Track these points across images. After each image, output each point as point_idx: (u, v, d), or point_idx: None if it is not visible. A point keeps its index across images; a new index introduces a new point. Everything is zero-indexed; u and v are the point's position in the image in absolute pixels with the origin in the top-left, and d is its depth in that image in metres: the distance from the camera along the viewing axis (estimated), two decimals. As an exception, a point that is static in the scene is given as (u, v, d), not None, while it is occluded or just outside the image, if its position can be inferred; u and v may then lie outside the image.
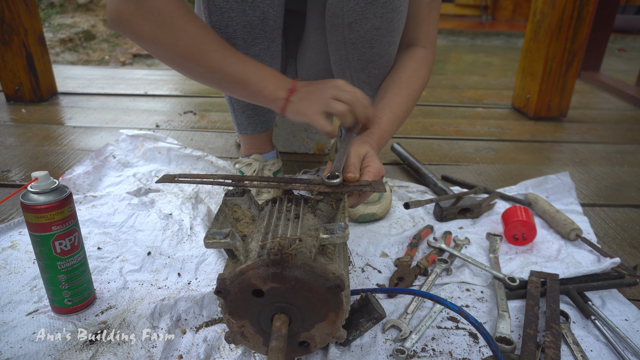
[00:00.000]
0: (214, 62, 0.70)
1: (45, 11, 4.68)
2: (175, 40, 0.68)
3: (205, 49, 0.69)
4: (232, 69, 0.71)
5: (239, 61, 0.72)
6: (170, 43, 0.68)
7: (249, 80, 0.72)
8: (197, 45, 0.69)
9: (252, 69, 0.72)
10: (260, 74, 0.72)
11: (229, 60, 0.71)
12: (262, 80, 0.72)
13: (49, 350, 0.61)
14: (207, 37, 0.70)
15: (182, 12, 0.68)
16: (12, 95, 1.70)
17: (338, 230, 0.52)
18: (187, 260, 0.81)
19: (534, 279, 0.78)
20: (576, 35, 1.64)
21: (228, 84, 0.73)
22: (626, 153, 1.47)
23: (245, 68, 0.72)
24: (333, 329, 0.56)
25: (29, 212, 0.60)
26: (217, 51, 0.70)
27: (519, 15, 7.22)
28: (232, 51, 0.72)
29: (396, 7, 0.78)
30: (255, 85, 0.72)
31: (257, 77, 0.72)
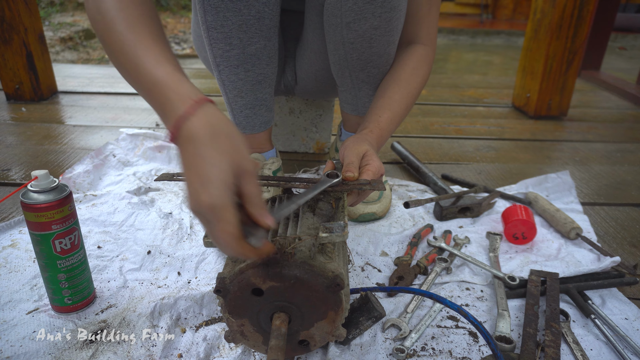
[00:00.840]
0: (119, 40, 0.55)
1: (45, 10, 4.68)
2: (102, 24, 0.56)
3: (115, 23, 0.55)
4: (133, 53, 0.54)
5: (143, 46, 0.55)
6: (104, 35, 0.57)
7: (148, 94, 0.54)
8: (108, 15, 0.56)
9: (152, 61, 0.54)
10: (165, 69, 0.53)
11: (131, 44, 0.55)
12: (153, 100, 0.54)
13: (49, 349, 0.61)
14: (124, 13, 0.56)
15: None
16: (12, 94, 1.70)
17: (337, 229, 0.52)
18: (187, 259, 0.81)
19: (534, 277, 0.78)
20: (577, 34, 1.64)
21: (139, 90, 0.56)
22: (626, 152, 1.47)
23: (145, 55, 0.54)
24: (333, 328, 0.56)
25: (29, 211, 0.60)
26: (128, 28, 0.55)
27: (519, 14, 7.21)
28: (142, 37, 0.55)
29: (395, 6, 0.78)
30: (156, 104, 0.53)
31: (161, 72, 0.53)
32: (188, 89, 0.51)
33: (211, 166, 0.46)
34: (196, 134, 0.47)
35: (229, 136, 0.48)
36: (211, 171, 0.46)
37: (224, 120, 0.49)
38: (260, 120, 0.95)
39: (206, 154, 0.46)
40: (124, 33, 0.55)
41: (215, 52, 0.82)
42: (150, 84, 0.52)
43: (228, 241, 0.46)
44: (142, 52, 0.54)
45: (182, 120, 0.48)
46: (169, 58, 0.54)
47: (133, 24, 0.56)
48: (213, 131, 0.48)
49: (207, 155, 0.46)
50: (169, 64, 0.53)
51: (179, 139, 0.49)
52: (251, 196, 0.48)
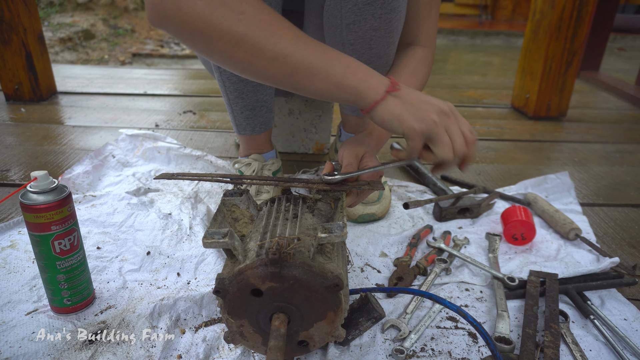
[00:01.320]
0: (283, 46, 0.57)
1: (44, 10, 4.68)
2: (234, 20, 0.55)
3: (272, 31, 0.56)
4: (307, 54, 0.58)
5: (315, 45, 0.59)
6: (227, 25, 0.55)
7: (331, 68, 0.59)
8: (261, 25, 0.56)
9: (332, 54, 0.60)
10: (345, 60, 0.60)
11: (302, 44, 0.58)
12: (348, 68, 0.60)
13: (48, 350, 0.61)
14: (273, 16, 0.57)
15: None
16: (11, 95, 1.69)
17: (336, 229, 0.52)
18: (187, 260, 0.81)
19: (533, 278, 0.78)
20: (576, 34, 1.64)
21: (301, 73, 0.59)
22: (625, 152, 1.47)
23: (324, 53, 0.59)
24: (332, 328, 0.56)
25: (28, 212, 0.60)
26: (287, 33, 0.57)
27: (518, 14, 7.22)
28: (304, 35, 0.60)
29: (394, 7, 0.78)
30: (341, 74, 0.59)
31: (343, 64, 0.60)
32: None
33: (433, 102, 0.61)
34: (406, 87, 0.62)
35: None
36: (435, 99, 0.62)
37: None
38: (261, 121, 0.96)
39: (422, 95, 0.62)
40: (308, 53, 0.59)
41: None
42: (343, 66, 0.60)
43: (471, 129, 0.62)
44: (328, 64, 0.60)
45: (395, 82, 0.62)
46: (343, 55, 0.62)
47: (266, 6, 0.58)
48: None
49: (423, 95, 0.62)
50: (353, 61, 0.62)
51: (397, 91, 0.61)
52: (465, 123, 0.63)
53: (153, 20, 0.57)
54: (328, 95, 0.62)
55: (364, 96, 0.60)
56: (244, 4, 0.55)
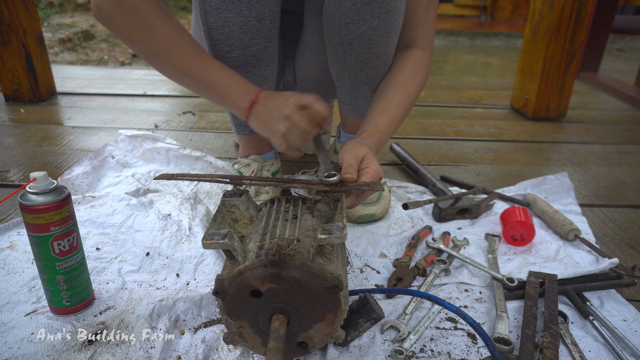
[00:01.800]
0: (183, 65, 0.73)
1: (44, 11, 4.68)
2: (147, 39, 0.72)
3: (175, 51, 0.73)
4: (199, 73, 0.74)
5: (207, 66, 0.74)
6: (142, 41, 0.72)
7: (215, 86, 0.74)
8: (167, 47, 0.72)
9: (219, 75, 0.74)
10: (226, 81, 0.74)
11: (197, 65, 0.74)
12: (227, 88, 0.74)
13: (47, 351, 0.61)
14: (178, 40, 0.73)
15: (157, 13, 0.71)
16: (11, 95, 1.69)
17: (336, 231, 0.52)
18: (186, 261, 0.81)
19: (533, 279, 0.78)
20: (575, 35, 1.64)
21: (196, 87, 0.76)
22: (625, 153, 1.47)
23: (213, 73, 0.74)
24: (331, 329, 0.56)
25: (27, 213, 0.60)
26: (187, 54, 0.73)
27: (518, 15, 7.23)
28: (203, 55, 0.74)
29: (393, 7, 0.78)
30: (220, 92, 0.74)
31: (223, 84, 0.74)
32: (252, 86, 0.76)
33: (281, 97, 0.72)
34: (268, 96, 0.73)
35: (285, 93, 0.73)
36: (283, 100, 0.71)
37: (278, 92, 0.75)
38: (259, 122, 0.96)
39: (278, 99, 0.72)
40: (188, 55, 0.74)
41: (216, 53, 0.82)
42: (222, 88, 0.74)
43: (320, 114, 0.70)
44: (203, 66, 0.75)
45: (255, 97, 0.73)
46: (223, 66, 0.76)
47: (178, 28, 0.74)
48: (276, 94, 0.74)
49: (278, 99, 0.72)
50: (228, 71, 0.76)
51: (255, 107, 0.73)
52: (312, 102, 0.70)
53: (93, 14, 0.72)
54: (222, 106, 0.79)
55: (239, 114, 0.75)
56: (158, 25, 0.71)
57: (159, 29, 0.72)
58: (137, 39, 0.73)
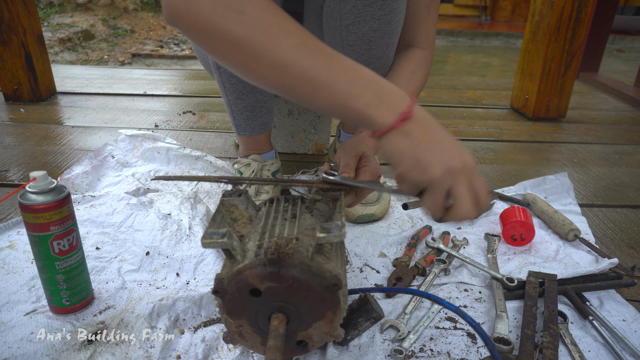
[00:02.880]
0: (284, 54, 0.51)
1: (44, 10, 4.68)
2: (234, 20, 0.51)
3: (272, 34, 0.51)
4: (309, 65, 0.51)
5: (321, 54, 0.52)
6: (227, 25, 0.51)
7: (335, 84, 0.51)
8: (262, 28, 0.51)
9: (339, 67, 0.52)
10: (354, 76, 0.52)
11: (306, 52, 0.52)
12: (355, 87, 0.52)
13: (47, 350, 0.61)
14: (277, 18, 0.52)
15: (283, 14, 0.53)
16: (10, 95, 1.69)
17: (335, 229, 0.52)
18: (186, 260, 0.81)
19: (532, 279, 0.78)
20: (575, 36, 1.64)
21: (303, 86, 0.52)
22: (624, 154, 1.47)
23: (330, 65, 0.52)
24: (331, 328, 0.56)
25: (27, 212, 0.60)
26: (290, 38, 0.52)
27: (518, 15, 7.23)
28: (312, 40, 0.53)
29: (394, 9, 0.78)
30: (345, 93, 0.52)
31: (349, 81, 0.52)
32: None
33: (455, 140, 0.55)
34: (430, 117, 0.55)
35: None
36: (457, 143, 0.54)
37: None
38: (260, 122, 0.96)
39: (445, 132, 0.55)
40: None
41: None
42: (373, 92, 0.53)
43: (486, 193, 0.54)
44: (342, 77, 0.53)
45: (412, 108, 0.54)
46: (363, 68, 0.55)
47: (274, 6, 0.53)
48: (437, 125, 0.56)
49: (447, 133, 0.55)
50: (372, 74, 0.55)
51: (411, 120, 0.53)
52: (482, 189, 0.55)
53: (167, 19, 0.55)
54: (334, 115, 0.56)
55: (369, 123, 0.53)
56: (247, 3, 0.51)
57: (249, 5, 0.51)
58: (222, 24, 0.51)
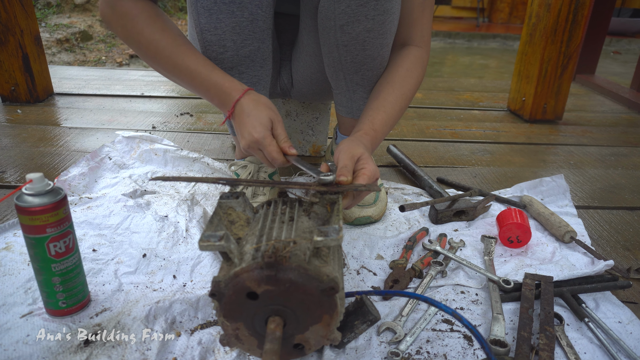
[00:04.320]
0: (168, 64, 0.77)
1: (41, 11, 4.67)
2: (136, 41, 0.77)
3: (159, 52, 0.77)
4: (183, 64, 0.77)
5: (190, 58, 0.77)
6: (133, 43, 0.77)
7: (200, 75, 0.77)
8: (152, 47, 0.77)
9: (203, 67, 0.77)
10: (212, 73, 0.77)
11: (180, 57, 0.77)
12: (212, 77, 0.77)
13: (43, 353, 0.61)
14: (162, 41, 0.76)
15: (144, 15, 0.75)
16: (7, 96, 1.69)
17: (332, 233, 0.52)
18: (183, 263, 0.81)
19: (529, 281, 0.78)
20: (571, 38, 1.65)
21: (183, 79, 0.78)
22: (620, 155, 1.48)
23: (197, 64, 0.77)
24: (327, 331, 0.56)
25: (23, 214, 0.60)
26: (170, 53, 0.77)
27: (515, 17, 7.26)
28: (186, 49, 0.77)
29: (388, 9, 0.78)
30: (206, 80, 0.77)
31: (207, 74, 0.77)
32: (237, 83, 0.77)
33: (255, 118, 0.73)
34: (246, 105, 0.74)
35: (266, 102, 0.75)
36: (256, 121, 0.72)
37: (262, 96, 0.77)
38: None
39: (252, 113, 0.73)
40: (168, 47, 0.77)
41: (210, 54, 0.82)
42: (211, 85, 0.77)
43: (275, 156, 0.72)
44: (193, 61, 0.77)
45: (236, 102, 0.75)
46: (210, 63, 0.79)
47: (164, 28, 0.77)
48: (256, 102, 0.74)
49: (253, 114, 0.73)
50: (215, 68, 0.78)
51: (235, 113, 0.76)
52: (280, 136, 0.74)
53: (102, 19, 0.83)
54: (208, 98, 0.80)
55: (224, 102, 0.77)
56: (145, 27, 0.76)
57: (144, 31, 0.75)
58: (130, 41, 0.77)
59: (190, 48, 0.78)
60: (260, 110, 0.73)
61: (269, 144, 0.72)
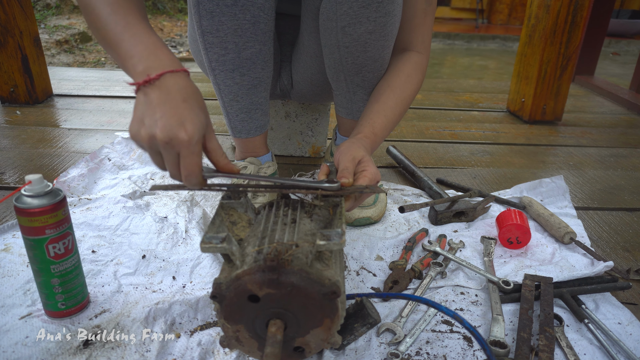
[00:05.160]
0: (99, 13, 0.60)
1: (41, 12, 4.66)
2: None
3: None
4: (112, 25, 0.59)
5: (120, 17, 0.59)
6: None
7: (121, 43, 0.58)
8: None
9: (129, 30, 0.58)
10: (136, 39, 0.58)
11: (114, 14, 0.60)
12: (133, 47, 0.57)
13: (42, 354, 0.61)
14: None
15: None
16: (6, 97, 1.69)
17: (335, 237, 0.52)
18: (182, 264, 0.81)
19: (528, 282, 0.78)
20: (570, 39, 1.65)
21: (106, 42, 0.60)
22: (620, 156, 1.48)
23: (124, 25, 0.59)
24: (328, 335, 0.56)
25: (22, 216, 0.60)
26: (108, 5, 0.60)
27: (514, 19, 7.27)
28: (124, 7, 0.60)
29: (390, 11, 0.78)
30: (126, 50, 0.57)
31: (130, 42, 0.57)
32: (176, 60, 0.57)
33: (191, 111, 0.53)
34: (182, 85, 0.54)
35: (201, 99, 0.57)
36: (191, 115, 0.53)
37: (196, 87, 0.57)
38: (256, 124, 0.96)
39: (190, 102, 0.54)
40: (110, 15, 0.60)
41: (211, 56, 0.82)
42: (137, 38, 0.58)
43: (194, 170, 0.54)
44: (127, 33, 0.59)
45: (170, 72, 0.54)
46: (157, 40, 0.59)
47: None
48: (197, 92, 0.56)
49: (190, 104, 0.54)
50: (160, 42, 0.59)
51: (155, 83, 0.54)
52: (216, 149, 0.58)
53: None
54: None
55: (129, 74, 0.58)
56: None
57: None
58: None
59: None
60: (200, 103, 0.56)
61: (195, 153, 0.54)
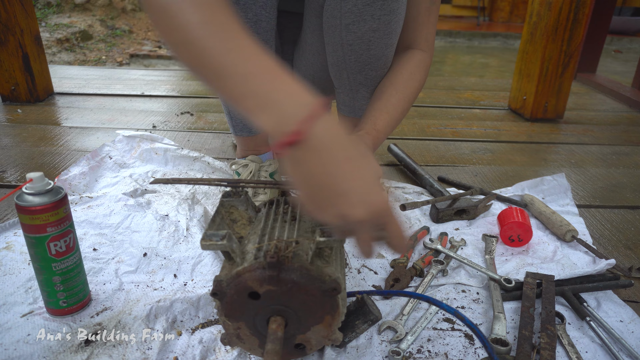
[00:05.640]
0: (191, 28, 0.44)
1: (42, 11, 4.66)
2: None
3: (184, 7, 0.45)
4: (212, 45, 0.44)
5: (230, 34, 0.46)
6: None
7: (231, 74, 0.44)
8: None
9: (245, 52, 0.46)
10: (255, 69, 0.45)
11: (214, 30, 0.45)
12: (249, 81, 0.44)
13: (44, 352, 0.61)
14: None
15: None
16: (8, 96, 1.69)
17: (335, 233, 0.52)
18: (183, 262, 0.81)
19: (530, 280, 0.78)
20: (572, 37, 1.65)
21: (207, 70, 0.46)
22: (622, 154, 1.48)
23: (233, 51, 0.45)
24: (329, 332, 0.56)
25: (23, 214, 0.60)
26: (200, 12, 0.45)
27: (516, 16, 7.24)
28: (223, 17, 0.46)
29: (394, 9, 0.78)
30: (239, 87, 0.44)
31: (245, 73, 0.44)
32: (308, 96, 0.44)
33: (370, 168, 0.43)
34: (339, 138, 0.41)
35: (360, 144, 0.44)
36: (371, 176, 0.43)
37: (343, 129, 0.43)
38: (257, 123, 0.95)
39: (364, 159, 0.43)
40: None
41: None
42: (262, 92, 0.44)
43: (404, 237, 0.46)
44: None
45: (309, 125, 0.42)
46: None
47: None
48: (350, 138, 0.43)
49: (366, 161, 0.43)
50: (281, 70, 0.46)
51: (305, 142, 0.41)
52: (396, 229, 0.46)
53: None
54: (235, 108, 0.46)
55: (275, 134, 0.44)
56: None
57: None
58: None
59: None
60: (369, 152, 0.44)
61: (398, 217, 0.45)
